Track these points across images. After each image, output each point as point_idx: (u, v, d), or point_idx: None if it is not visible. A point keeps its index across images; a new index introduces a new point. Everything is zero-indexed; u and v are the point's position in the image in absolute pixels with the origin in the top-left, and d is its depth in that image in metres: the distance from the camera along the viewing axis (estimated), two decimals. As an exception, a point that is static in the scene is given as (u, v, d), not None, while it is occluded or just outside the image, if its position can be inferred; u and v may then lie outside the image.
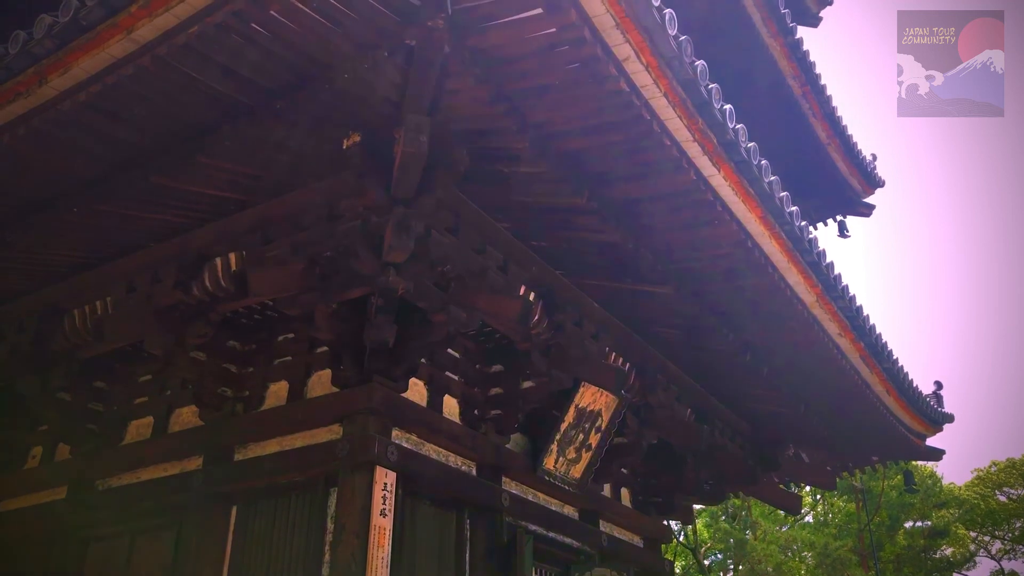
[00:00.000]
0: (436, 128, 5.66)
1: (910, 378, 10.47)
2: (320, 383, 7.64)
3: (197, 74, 5.51)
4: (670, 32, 5.27)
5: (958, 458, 58.71)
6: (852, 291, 8.26)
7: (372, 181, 6.12)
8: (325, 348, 7.59)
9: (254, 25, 5.10)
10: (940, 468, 40.58)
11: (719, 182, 6.29)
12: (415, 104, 5.58)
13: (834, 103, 12.56)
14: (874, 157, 14.31)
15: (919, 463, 32.29)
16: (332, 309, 6.92)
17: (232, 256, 7.07)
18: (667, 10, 5.25)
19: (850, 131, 13.23)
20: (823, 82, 12.09)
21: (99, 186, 6.57)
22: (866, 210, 14.86)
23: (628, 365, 9.04)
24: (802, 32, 11.74)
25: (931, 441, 12.30)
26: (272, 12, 4.98)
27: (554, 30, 5.10)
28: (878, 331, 9.10)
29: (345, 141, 6.12)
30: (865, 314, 8.72)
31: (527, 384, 8.64)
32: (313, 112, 5.88)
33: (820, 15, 14.78)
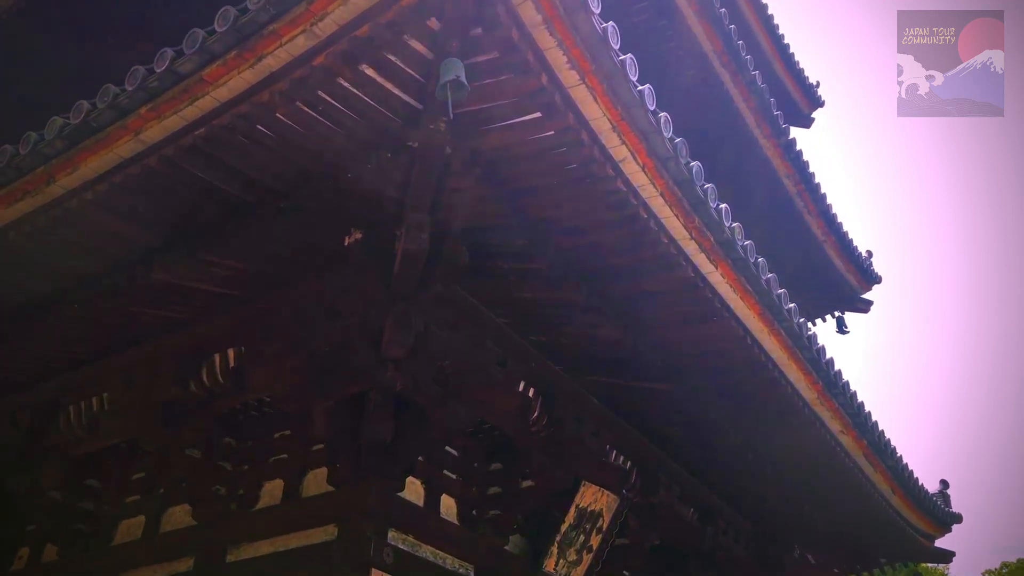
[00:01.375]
0: (437, 225, 5.74)
1: (915, 476, 10.31)
2: (316, 482, 7.49)
3: (202, 173, 5.62)
4: (665, 134, 5.40)
5: (967, 559, 57.24)
6: (853, 387, 8.22)
7: (372, 277, 6.16)
8: (321, 446, 7.49)
9: (260, 127, 5.24)
10: (951, 570, 39.53)
11: (717, 279, 6.33)
12: (416, 202, 5.67)
13: (829, 200, 12.77)
14: (870, 254, 14.45)
15: (929, 565, 31.46)
16: (329, 406, 6.86)
17: (231, 352, 7.06)
18: (662, 114, 5.39)
19: (846, 228, 13.42)
20: (817, 180, 12.32)
21: (100, 282, 6.61)
22: (864, 306, 14.92)
23: (629, 463, 8.91)
24: (795, 132, 12.04)
25: (940, 542, 12.02)
26: (278, 115, 5.12)
27: (552, 133, 5.24)
28: (881, 428, 9.01)
29: (347, 238, 6.20)
30: (867, 411, 8.65)
31: (526, 483, 8.48)
32: (315, 210, 5.97)
33: (812, 116, 15.21)
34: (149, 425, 7.25)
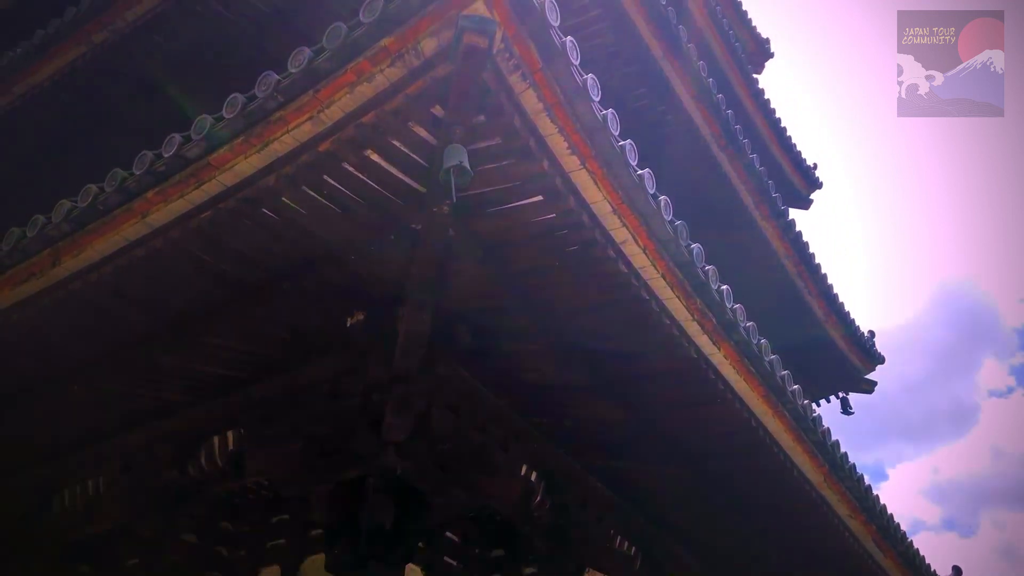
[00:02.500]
0: (439, 306, 5.75)
1: (927, 563, 10.07)
2: (314, 568, 7.33)
3: (206, 256, 5.66)
4: (666, 217, 5.46)
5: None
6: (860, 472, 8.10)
7: (373, 358, 6.15)
8: (320, 531, 7.35)
9: (265, 210, 5.30)
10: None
11: (720, 360, 6.31)
12: (419, 284, 5.70)
13: (829, 280, 12.82)
14: (871, 334, 14.43)
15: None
16: (328, 490, 6.75)
17: (230, 434, 6.99)
18: (662, 197, 5.46)
19: (847, 307, 13.43)
20: (817, 261, 12.39)
21: (101, 364, 6.59)
22: (868, 386, 14.82)
23: (634, 549, 8.73)
24: (793, 213, 12.18)
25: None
26: (283, 199, 5.19)
27: (554, 216, 5.30)
28: (890, 512, 8.85)
29: (349, 319, 6.21)
30: (875, 494, 8.51)
31: (529, 570, 8.30)
32: (318, 292, 5.99)
33: (811, 197, 15.38)
34: (145, 509, 7.13)
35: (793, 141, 14.14)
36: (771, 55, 16.45)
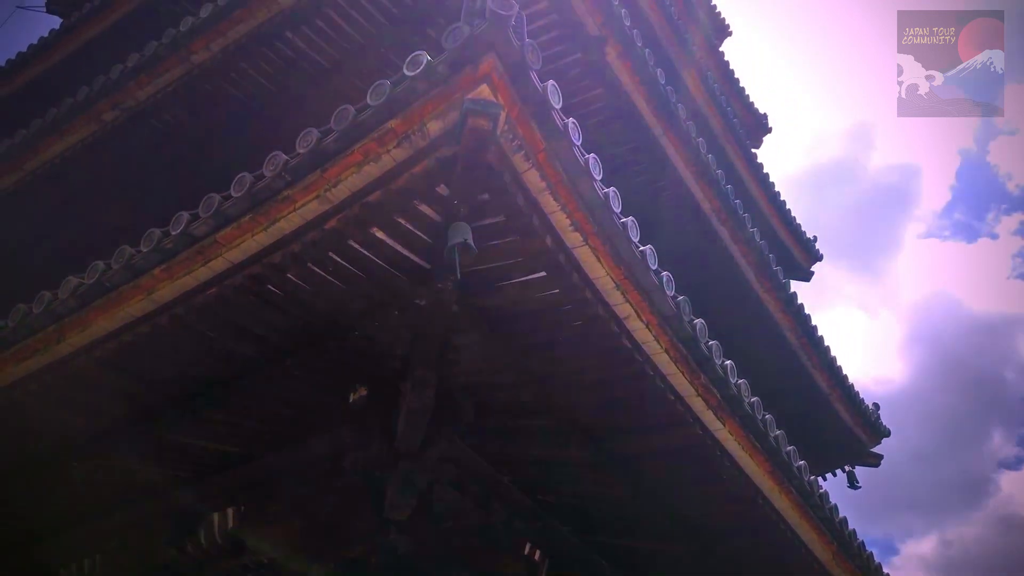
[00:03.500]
0: (442, 381, 5.74)
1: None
2: (312, 650, 7.15)
3: (211, 332, 5.68)
4: (668, 292, 5.50)
5: None
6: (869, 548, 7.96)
7: (376, 434, 6.10)
8: (320, 611, 7.19)
9: (270, 287, 5.34)
10: None
11: (725, 436, 6.26)
12: (422, 359, 5.70)
13: (833, 353, 12.77)
14: (876, 407, 14.31)
15: None
16: (330, 569, 6.63)
17: (230, 511, 6.88)
18: (664, 272, 5.51)
19: (851, 380, 13.36)
20: (820, 333, 12.37)
21: (102, 440, 6.55)
22: (874, 460, 14.62)
23: (640, 630, 8.51)
24: (795, 286, 12.21)
25: None
26: (288, 275, 5.23)
27: (557, 291, 5.34)
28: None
29: (352, 395, 6.19)
30: (886, 573, 8.34)
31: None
32: (322, 367, 6.00)
33: (811, 269, 15.44)
34: (141, 590, 6.99)
35: (793, 215, 14.27)
36: (769, 130, 16.72)
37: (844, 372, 13.15)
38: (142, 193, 9.30)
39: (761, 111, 16.14)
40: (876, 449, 14.59)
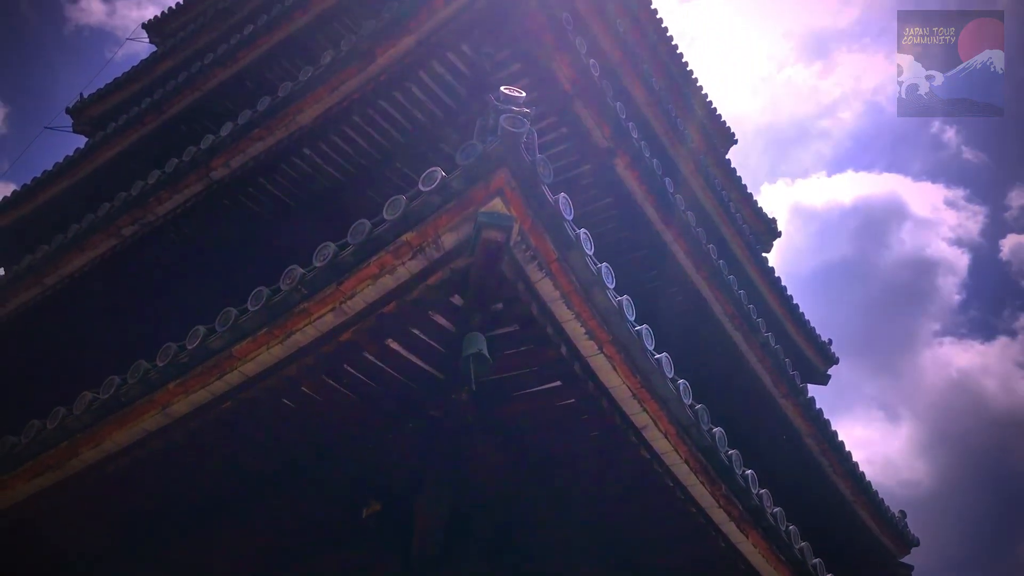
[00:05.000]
0: (457, 495, 5.63)
1: None
2: None
3: (225, 446, 5.63)
4: (686, 401, 5.43)
5: None
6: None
7: (390, 551, 5.95)
8: None
9: (285, 399, 5.31)
10: None
11: (748, 549, 6.08)
12: (437, 473, 5.61)
13: (855, 459, 12.50)
14: (903, 514, 13.92)
15: None
16: None
17: (238, 634, 6.67)
18: (681, 380, 5.46)
19: (875, 486, 13.02)
20: (840, 439, 12.14)
21: (105, 560, 6.41)
22: (905, 572, 14.12)
23: None
24: (812, 390, 12.05)
25: None
26: (303, 387, 5.21)
27: (573, 400, 5.29)
28: None
29: (365, 510, 6.06)
30: None
31: None
32: (335, 481, 5.90)
33: (828, 373, 15.29)
34: None
35: (806, 318, 14.25)
36: (778, 234, 16.87)
37: (867, 479, 12.84)
38: (158, 306, 9.39)
39: (769, 215, 16.33)
40: (906, 559, 14.11)
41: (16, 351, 9.67)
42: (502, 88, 4.95)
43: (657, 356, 5.30)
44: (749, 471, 5.96)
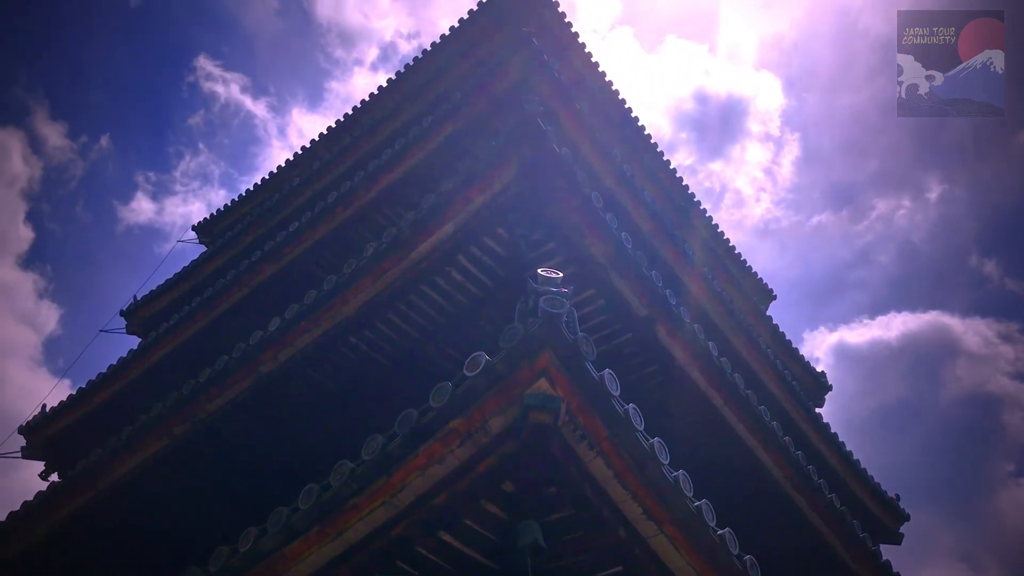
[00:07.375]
0: None
1: None
2: None
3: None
4: (754, 578, 5.17)
5: None
6: None
7: None
8: None
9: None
10: None
11: None
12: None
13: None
14: None
15: None
16: None
17: None
18: (747, 556, 5.21)
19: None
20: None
21: None
22: None
23: None
24: (885, 551, 11.38)
25: None
26: (355, 586, 5.05)
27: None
28: None
29: None
30: None
31: None
32: None
33: (900, 531, 14.47)
34: None
35: (870, 474, 13.69)
36: (829, 388, 16.51)
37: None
38: (206, 502, 9.32)
39: (818, 369, 16.08)
40: None
41: (70, 555, 9.59)
42: (539, 269, 5.07)
43: (720, 532, 5.10)
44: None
